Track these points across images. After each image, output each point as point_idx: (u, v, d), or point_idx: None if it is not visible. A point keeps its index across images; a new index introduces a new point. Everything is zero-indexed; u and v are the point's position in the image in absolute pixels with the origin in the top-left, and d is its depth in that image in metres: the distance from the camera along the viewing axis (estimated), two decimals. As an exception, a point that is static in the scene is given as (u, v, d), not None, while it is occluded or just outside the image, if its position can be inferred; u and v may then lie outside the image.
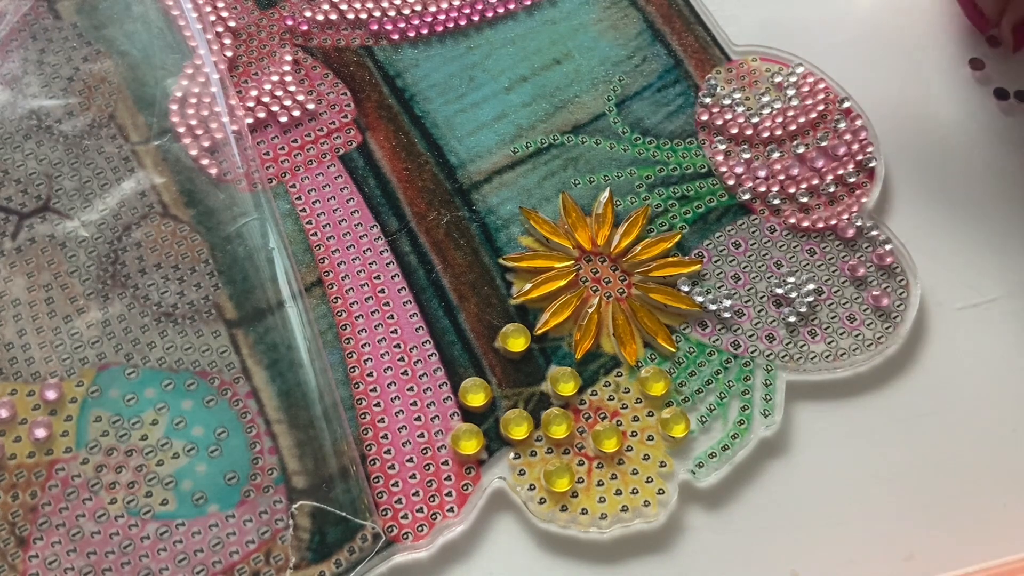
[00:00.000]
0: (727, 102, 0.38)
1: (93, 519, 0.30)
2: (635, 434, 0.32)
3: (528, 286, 0.34)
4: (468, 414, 0.32)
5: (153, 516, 0.30)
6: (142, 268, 0.33)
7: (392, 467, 0.31)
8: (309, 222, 0.35)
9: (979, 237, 0.37)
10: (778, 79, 0.39)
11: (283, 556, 0.30)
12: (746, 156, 0.37)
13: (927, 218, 0.37)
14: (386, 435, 0.32)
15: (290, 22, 0.38)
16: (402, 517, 0.30)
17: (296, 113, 0.36)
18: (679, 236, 0.36)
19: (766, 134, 0.38)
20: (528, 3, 0.40)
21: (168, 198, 0.35)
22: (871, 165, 0.37)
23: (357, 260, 0.34)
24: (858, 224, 0.36)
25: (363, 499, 0.30)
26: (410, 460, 0.31)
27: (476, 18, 0.40)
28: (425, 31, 0.39)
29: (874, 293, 0.35)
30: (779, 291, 0.35)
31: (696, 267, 0.35)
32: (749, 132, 0.38)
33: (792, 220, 0.36)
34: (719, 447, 0.32)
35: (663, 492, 0.31)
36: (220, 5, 0.39)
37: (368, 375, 0.32)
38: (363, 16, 0.39)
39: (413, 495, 0.31)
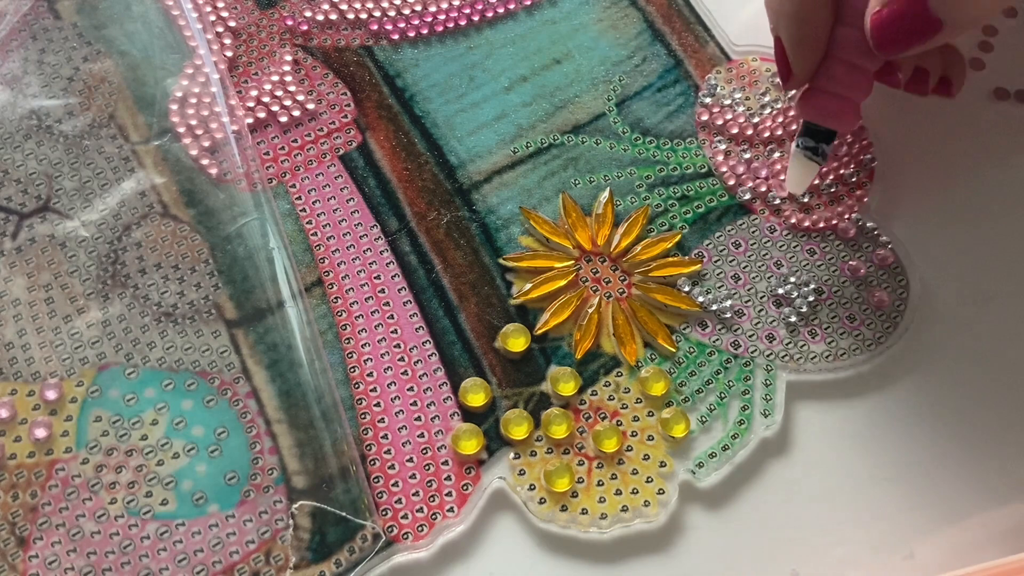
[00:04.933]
0: (727, 102, 0.38)
1: (93, 519, 0.30)
2: (635, 434, 0.32)
3: (528, 286, 0.34)
4: (468, 414, 0.32)
5: (153, 516, 0.30)
6: (142, 268, 0.33)
7: (392, 467, 0.31)
8: (309, 222, 0.35)
9: (979, 236, 0.37)
10: (778, 79, 0.39)
11: (283, 556, 0.30)
12: (746, 156, 0.37)
13: (927, 218, 0.37)
14: (386, 435, 0.32)
15: (290, 22, 0.38)
16: (402, 517, 0.30)
17: (296, 113, 0.36)
18: (679, 236, 0.36)
19: (766, 134, 0.38)
20: (528, 3, 0.40)
21: (168, 198, 0.35)
22: (871, 165, 0.37)
23: (357, 260, 0.34)
24: (859, 224, 0.36)
25: (363, 499, 0.30)
26: (410, 460, 0.31)
27: (476, 18, 0.40)
28: (425, 31, 0.39)
29: (874, 293, 0.35)
30: (779, 291, 0.35)
31: (696, 267, 0.35)
32: (749, 132, 0.38)
33: (792, 220, 0.36)
34: (719, 447, 0.32)
35: (663, 492, 0.31)
36: (220, 5, 0.39)
37: (368, 375, 0.32)
38: (363, 16, 0.39)
39: (413, 495, 0.31)
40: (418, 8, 0.39)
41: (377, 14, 0.39)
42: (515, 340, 0.33)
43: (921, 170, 0.38)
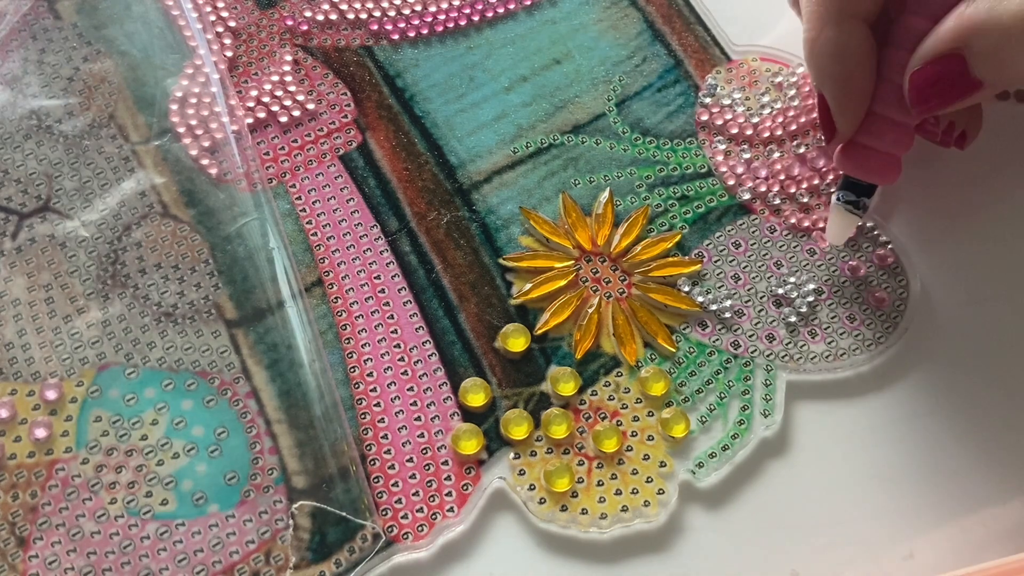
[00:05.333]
0: (727, 102, 0.38)
1: (93, 519, 0.30)
2: (635, 434, 0.32)
3: (528, 286, 0.34)
4: (468, 414, 0.32)
5: (153, 516, 0.30)
6: (142, 268, 0.33)
7: (392, 467, 0.31)
8: (309, 222, 0.35)
9: (979, 236, 0.37)
10: (778, 79, 0.39)
11: (283, 556, 0.30)
12: (746, 156, 0.37)
13: (927, 218, 0.37)
14: (386, 435, 0.32)
15: (290, 22, 0.38)
16: (402, 517, 0.30)
17: (296, 113, 0.36)
18: (679, 236, 0.36)
19: (766, 134, 0.38)
20: (528, 3, 0.40)
21: (168, 198, 0.35)
22: (871, 165, 0.37)
23: (357, 260, 0.34)
24: (859, 224, 0.36)
25: (363, 499, 0.30)
26: (410, 460, 0.31)
27: (476, 18, 0.40)
28: (425, 31, 0.39)
29: (874, 293, 0.35)
30: (779, 291, 0.35)
31: (696, 267, 0.35)
32: (749, 132, 0.38)
33: (792, 220, 0.36)
34: (719, 447, 0.32)
35: (663, 492, 0.31)
36: (220, 5, 0.39)
37: (368, 375, 0.32)
38: (363, 16, 0.39)
39: (413, 495, 0.31)
40: (418, 8, 0.39)
41: (377, 14, 0.39)
42: (515, 340, 0.33)
43: (921, 170, 0.38)
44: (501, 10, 0.40)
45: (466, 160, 0.37)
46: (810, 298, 0.35)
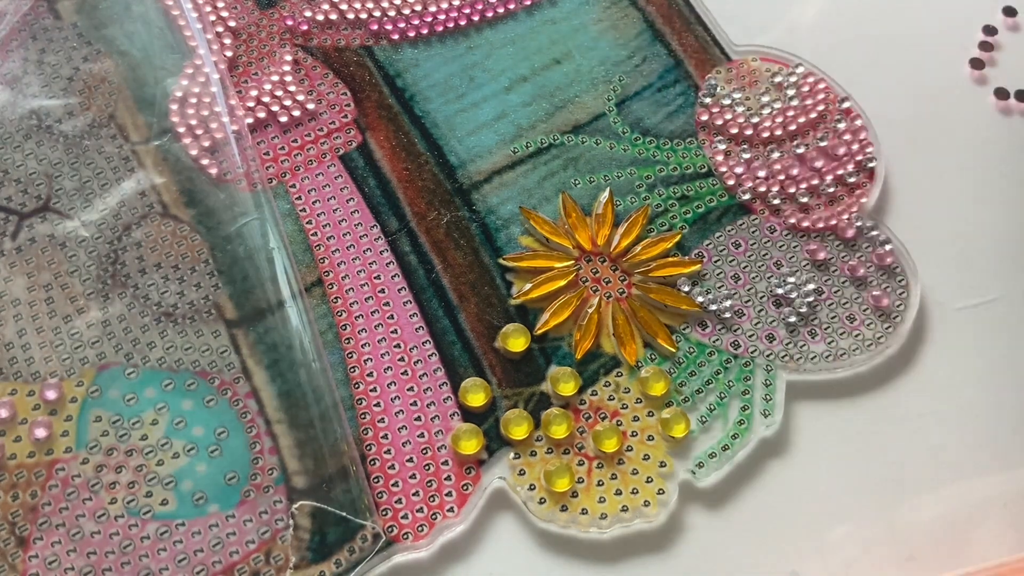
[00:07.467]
0: (727, 102, 0.38)
1: (93, 519, 0.30)
2: (635, 434, 0.32)
3: (528, 286, 0.34)
4: (468, 414, 0.32)
5: (153, 516, 0.30)
6: (142, 268, 0.33)
7: (392, 467, 0.31)
8: (309, 222, 0.35)
9: (979, 237, 0.37)
10: (778, 79, 0.39)
11: (283, 556, 0.30)
12: (746, 156, 0.37)
13: (927, 218, 0.37)
14: (386, 435, 0.32)
15: (290, 22, 0.38)
16: (402, 517, 0.30)
17: (296, 113, 0.36)
18: (679, 236, 0.36)
19: (766, 134, 0.38)
20: (528, 3, 0.40)
21: (168, 198, 0.35)
22: (871, 165, 0.37)
23: (357, 260, 0.34)
24: (858, 224, 0.36)
25: (363, 499, 0.30)
26: (410, 460, 0.31)
27: (476, 18, 0.40)
28: (425, 31, 0.39)
29: (874, 293, 0.35)
30: (779, 291, 0.35)
31: (696, 267, 0.35)
32: (749, 132, 0.38)
33: (792, 220, 0.36)
34: (719, 447, 0.32)
35: (663, 492, 0.31)
36: (220, 5, 0.39)
37: (368, 375, 0.32)
38: (363, 16, 0.39)
39: (413, 495, 0.31)
40: (418, 8, 0.39)
41: (377, 14, 0.39)
42: (515, 340, 0.33)
43: (921, 170, 0.38)
44: (501, 10, 0.40)
45: (466, 160, 0.37)
46: (810, 298, 0.35)
